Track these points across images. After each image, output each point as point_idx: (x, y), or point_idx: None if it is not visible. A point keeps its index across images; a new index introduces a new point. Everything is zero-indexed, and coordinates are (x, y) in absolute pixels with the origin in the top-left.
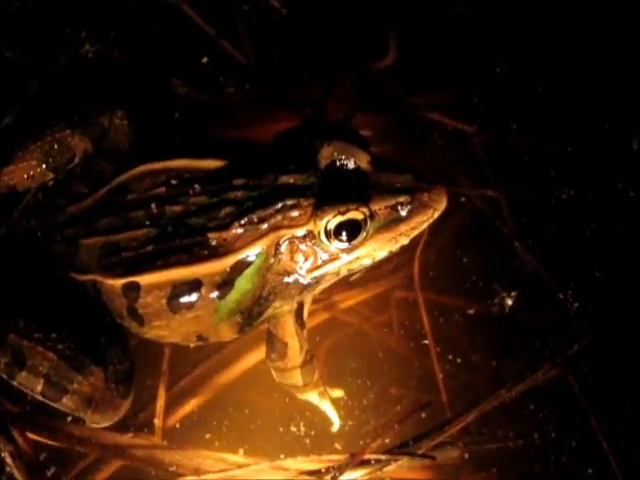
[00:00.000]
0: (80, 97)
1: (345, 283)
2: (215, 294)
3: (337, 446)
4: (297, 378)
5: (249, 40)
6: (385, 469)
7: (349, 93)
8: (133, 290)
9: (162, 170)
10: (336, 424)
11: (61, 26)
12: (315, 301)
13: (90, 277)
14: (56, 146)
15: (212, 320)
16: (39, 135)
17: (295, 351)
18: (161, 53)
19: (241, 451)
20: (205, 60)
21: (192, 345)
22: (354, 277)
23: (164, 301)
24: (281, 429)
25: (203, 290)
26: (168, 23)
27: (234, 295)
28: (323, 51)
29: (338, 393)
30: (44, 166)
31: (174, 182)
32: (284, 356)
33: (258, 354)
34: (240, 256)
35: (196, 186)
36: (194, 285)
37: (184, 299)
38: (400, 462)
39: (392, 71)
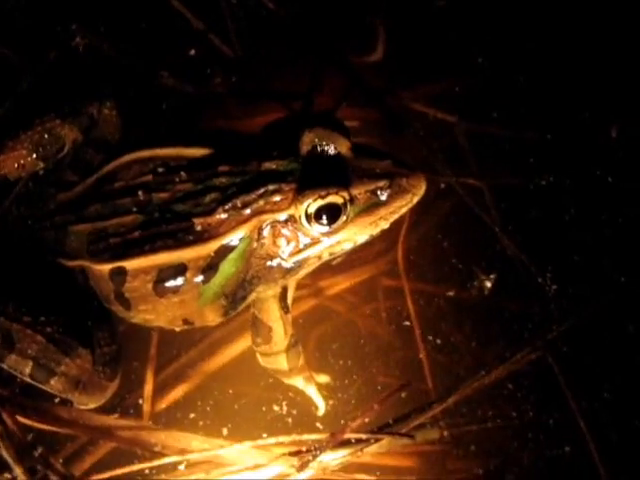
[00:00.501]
0: (70, 88)
1: (329, 269)
2: (200, 278)
3: (319, 426)
4: (282, 362)
5: (236, 33)
6: (366, 449)
7: (335, 86)
8: (120, 275)
9: (149, 158)
10: (321, 409)
11: (52, 20)
12: (300, 287)
13: (78, 263)
14: (46, 136)
15: (197, 304)
16: (29, 125)
17: (280, 335)
18: (149, 46)
19: (225, 432)
20: (193, 52)
21: (178, 329)
22: (336, 261)
23: (150, 285)
24: (265, 411)
25: (188, 274)
26: (157, 16)
27: (218, 279)
28: (310, 44)
29: (324, 378)
30: (34, 155)
31: (161, 170)
32: (269, 340)
33: (245, 340)
34: (224, 241)
35: (182, 173)
36: (179, 269)
37: (169, 283)
38: (380, 442)
39: (377, 63)
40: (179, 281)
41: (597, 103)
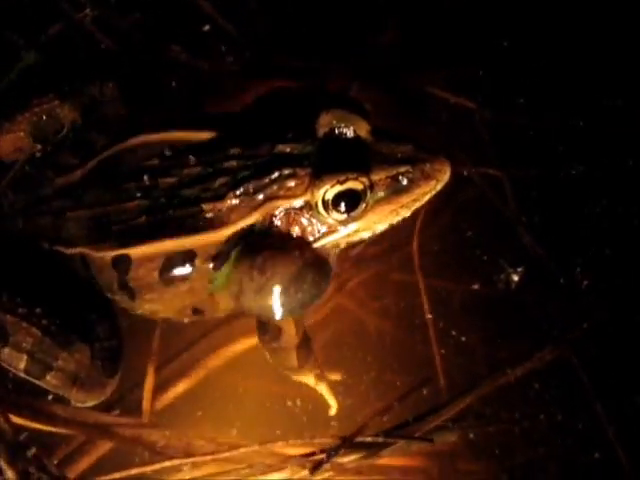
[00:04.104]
0: (72, 66)
1: (342, 262)
2: (210, 265)
3: (333, 425)
4: (292, 359)
5: (249, 10)
6: (381, 452)
7: (350, 67)
8: (123, 263)
9: (156, 142)
10: (333, 407)
11: None
12: None
13: (78, 250)
14: (44, 117)
15: (207, 291)
16: (27, 105)
17: (291, 330)
18: (162, 19)
19: (233, 431)
20: (207, 28)
21: (187, 320)
22: (354, 252)
23: (156, 273)
24: (276, 409)
25: (197, 261)
26: None
27: (230, 266)
28: (326, 24)
29: (336, 376)
30: (32, 138)
31: (168, 153)
32: (278, 337)
33: (252, 335)
34: (235, 228)
35: (191, 157)
36: (188, 256)
37: (177, 271)
38: (396, 445)
39: (394, 45)
40: (188, 268)
41: (630, 88)
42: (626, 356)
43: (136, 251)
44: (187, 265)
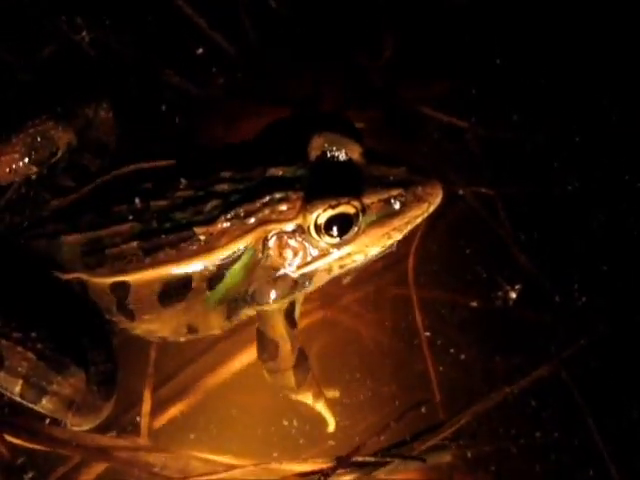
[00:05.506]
0: (66, 87)
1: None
2: (205, 285)
3: (330, 444)
4: (290, 379)
5: (241, 32)
6: (374, 472)
7: (342, 87)
8: (122, 289)
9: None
10: (331, 425)
11: (57, 12)
12: (308, 299)
13: (75, 275)
14: (39, 139)
15: (202, 309)
16: (22, 127)
17: (287, 351)
18: (155, 42)
19: (230, 451)
20: (200, 51)
21: (182, 339)
22: (348, 279)
23: (155, 297)
24: (273, 428)
25: (194, 284)
26: (164, 13)
27: (223, 287)
28: (317, 45)
29: (334, 394)
30: (27, 160)
31: (160, 177)
32: (275, 356)
33: (250, 353)
34: (227, 252)
35: (182, 180)
36: (184, 280)
37: (175, 293)
38: (391, 465)
39: (386, 64)
40: (184, 291)
41: (624, 104)
42: (622, 373)
43: (134, 278)
44: (184, 287)
